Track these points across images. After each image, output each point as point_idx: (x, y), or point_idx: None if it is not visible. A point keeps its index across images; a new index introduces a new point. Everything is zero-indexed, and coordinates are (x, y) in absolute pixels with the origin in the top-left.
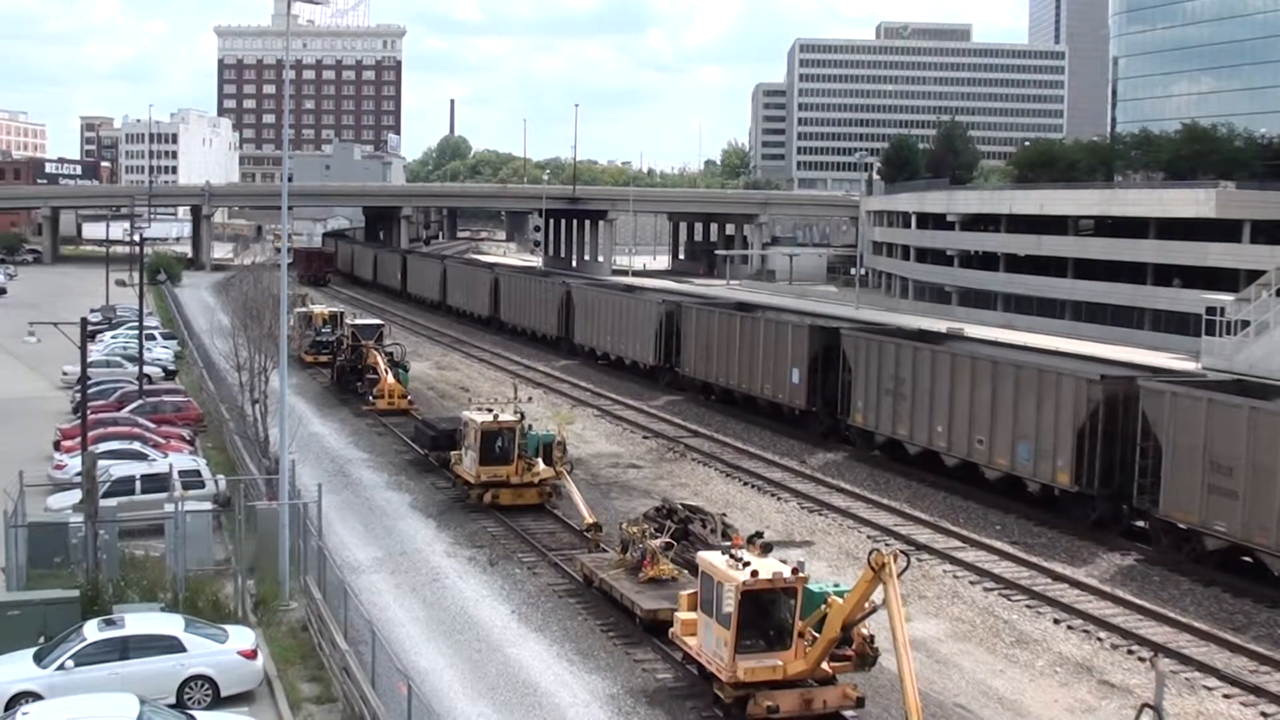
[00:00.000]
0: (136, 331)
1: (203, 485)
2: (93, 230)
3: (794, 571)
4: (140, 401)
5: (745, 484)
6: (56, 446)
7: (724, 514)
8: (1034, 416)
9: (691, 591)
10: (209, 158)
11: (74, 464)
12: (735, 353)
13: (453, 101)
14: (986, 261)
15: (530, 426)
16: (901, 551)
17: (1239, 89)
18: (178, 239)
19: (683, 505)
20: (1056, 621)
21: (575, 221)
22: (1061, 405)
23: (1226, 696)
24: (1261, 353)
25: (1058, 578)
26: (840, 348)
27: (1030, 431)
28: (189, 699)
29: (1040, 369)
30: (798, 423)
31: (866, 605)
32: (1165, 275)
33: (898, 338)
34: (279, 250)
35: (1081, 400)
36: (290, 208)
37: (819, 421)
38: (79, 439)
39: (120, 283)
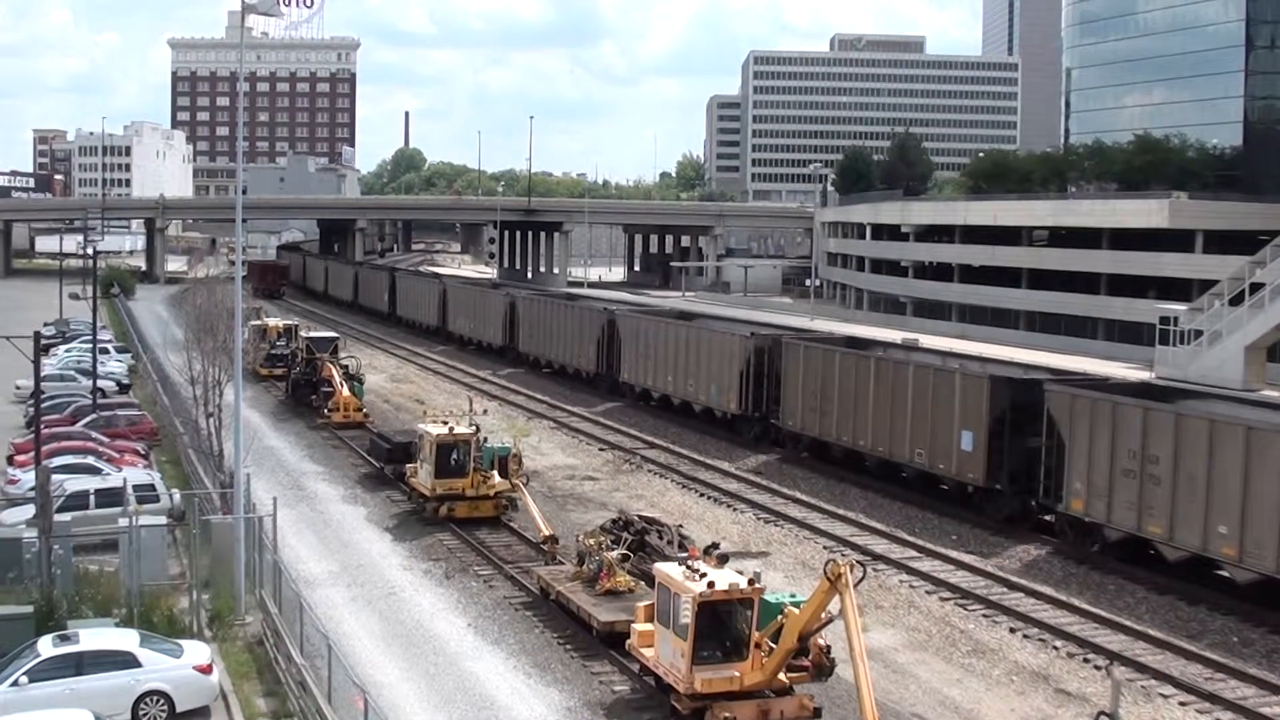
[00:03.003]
0: (90, 345)
1: (157, 499)
2: (46, 243)
3: (750, 582)
4: (94, 415)
5: (701, 495)
6: (10, 461)
7: (680, 525)
8: None
9: (648, 603)
10: (163, 170)
11: (27, 479)
12: (868, 406)
13: (407, 114)
14: (941, 272)
15: (486, 439)
16: (858, 562)
17: (1190, 100)
18: (131, 252)
19: (639, 517)
20: (1013, 630)
21: (530, 233)
22: None
23: (1182, 704)
24: (1214, 362)
25: (1013, 587)
26: (1042, 407)
27: None
28: (144, 715)
29: None
30: (967, 501)
31: (823, 616)
32: (1119, 285)
33: (1138, 397)
34: (233, 263)
35: None
36: (245, 220)
37: (1003, 502)
38: (32, 453)
39: (74, 296)
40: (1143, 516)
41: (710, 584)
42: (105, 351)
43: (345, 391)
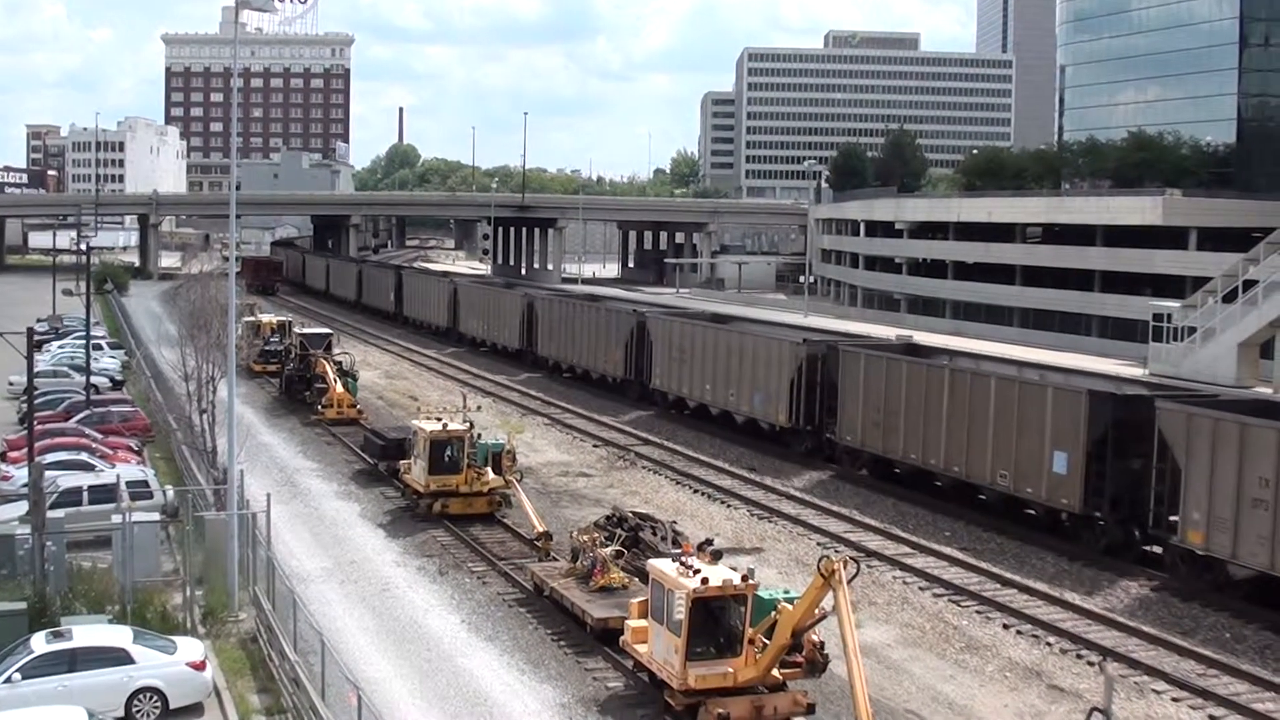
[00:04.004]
0: (83, 341)
1: (151, 496)
2: (39, 239)
3: (744, 578)
4: (87, 412)
5: (695, 491)
6: (2, 457)
7: (674, 521)
8: None
9: (642, 599)
10: (156, 166)
11: (20, 475)
12: (940, 421)
13: (401, 110)
14: (935, 269)
15: (479, 435)
16: (851, 558)
17: (1184, 97)
18: (125, 248)
19: (633, 513)
20: (1006, 626)
21: (525, 230)
22: None
23: (1175, 700)
24: (1208, 359)
25: (1007, 583)
26: (1148, 425)
27: None
28: (138, 711)
29: None
30: (1059, 529)
31: (816, 612)
32: (1112, 282)
33: (1264, 416)
34: (226, 259)
35: None
36: (238, 216)
37: (1103, 533)
38: (25, 450)
39: (67, 292)
40: (1276, 553)
41: (704, 580)
42: (99, 348)
43: (339, 388)
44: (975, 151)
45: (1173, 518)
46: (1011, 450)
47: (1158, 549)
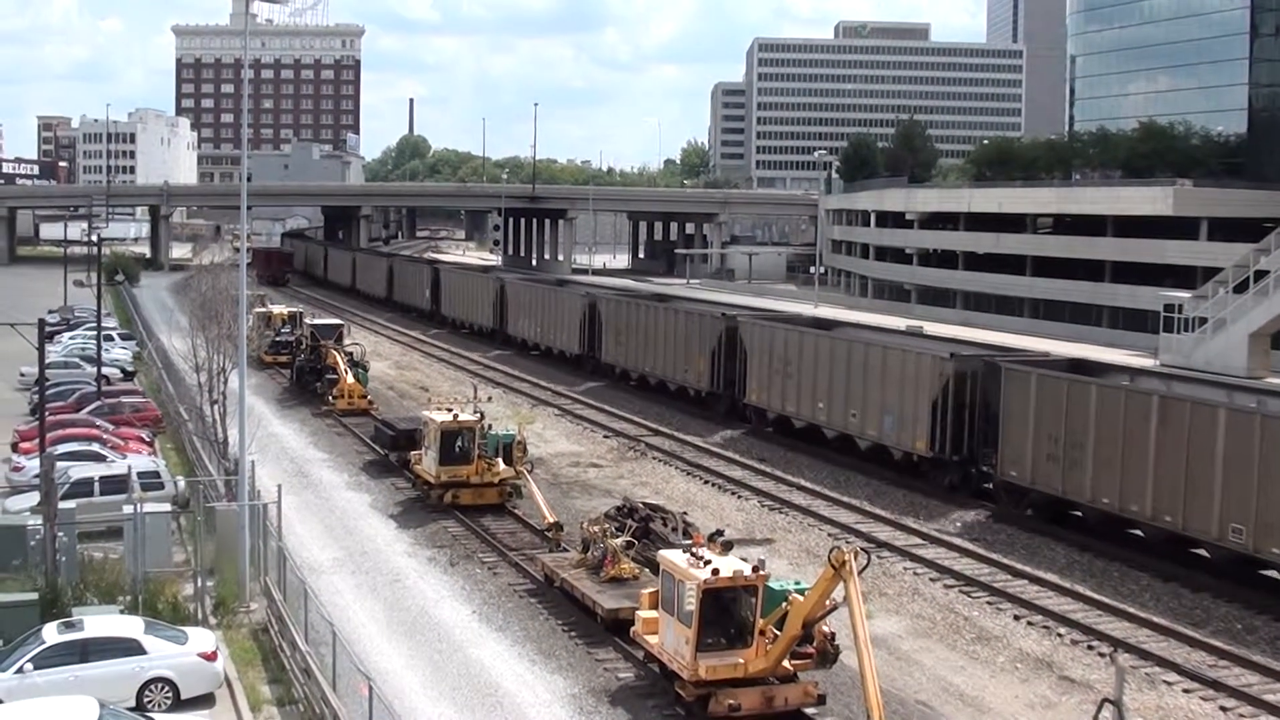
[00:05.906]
0: (94, 332)
1: (162, 487)
2: (50, 230)
3: (755, 569)
4: (99, 403)
5: (706, 482)
6: (14, 448)
7: (685, 512)
8: None
9: (653, 590)
10: (167, 157)
11: (32, 466)
12: (1146, 460)
13: (412, 101)
14: (945, 260)
15: (490, 426)
16: (862, 549)
17: (1195, 87)
18: (136, 239)
19: (643, 504)
20: (1017, 618)
21: (535, 220)
22: None
23: (1186, 691)
24: (1218, 349)
25: (1018, 574)
26: None
27: None
28: (149, 701)
29: None
30: None
31: (827, 603)
32: (1123, 273)
33: None
34: (237, 250)
35: None
36: (249, 207)
37: None
38: (37, 440)
39: (78, 283)
40: None
41: (714, 571)
42: (110, 339)
43: (349, 379)
44: (986, 142)
45: None
46: (1250, 501)
47: None
